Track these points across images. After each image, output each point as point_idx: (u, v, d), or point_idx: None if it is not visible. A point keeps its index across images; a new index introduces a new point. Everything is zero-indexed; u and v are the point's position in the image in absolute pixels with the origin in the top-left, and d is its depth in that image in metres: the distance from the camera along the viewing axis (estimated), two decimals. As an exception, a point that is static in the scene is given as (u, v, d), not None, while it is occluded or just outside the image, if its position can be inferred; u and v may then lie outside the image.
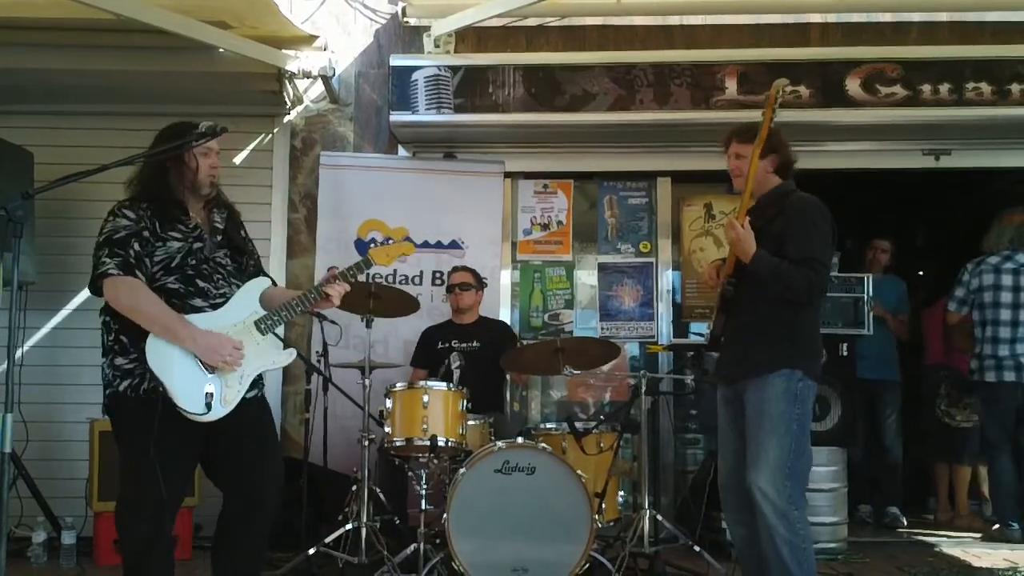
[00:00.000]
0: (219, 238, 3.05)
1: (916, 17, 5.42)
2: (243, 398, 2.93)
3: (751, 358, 3.20)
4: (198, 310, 2.91)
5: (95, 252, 2.86)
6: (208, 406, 2.82)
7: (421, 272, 5.42)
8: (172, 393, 2.78)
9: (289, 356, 3.11)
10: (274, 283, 3.19)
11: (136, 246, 2.85)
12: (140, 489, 2.81)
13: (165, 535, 2.90)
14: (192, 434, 2.88)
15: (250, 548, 3.03)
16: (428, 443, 3.85)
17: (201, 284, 2.94)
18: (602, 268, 5.80)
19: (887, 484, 5.75)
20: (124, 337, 2.86)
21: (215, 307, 2.95)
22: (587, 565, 3.73)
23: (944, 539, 5.21)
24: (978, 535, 5.31)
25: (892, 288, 5.87)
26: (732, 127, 3.44)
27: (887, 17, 5.43)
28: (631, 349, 5.78)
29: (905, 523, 5.53)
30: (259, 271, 3.19)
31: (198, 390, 2.82)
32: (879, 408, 5.73)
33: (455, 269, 5.03)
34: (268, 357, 3.01)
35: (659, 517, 4.20)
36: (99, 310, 2.95)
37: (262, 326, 2.97)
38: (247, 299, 3.02)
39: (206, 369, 2.85)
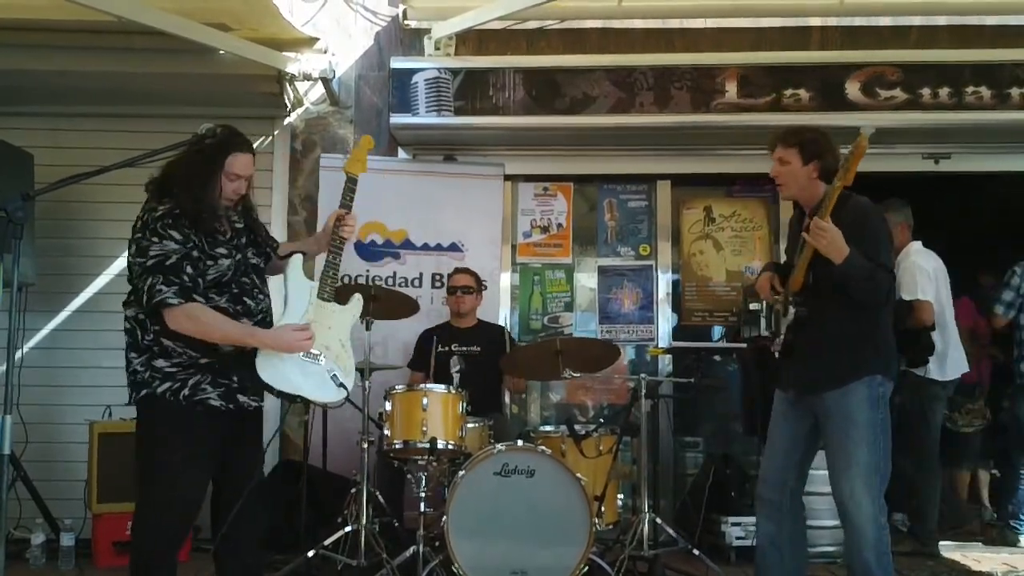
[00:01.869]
0: (243, 240, 3.06)
1: (916, 21, 5.43)
2: (248, 407, 2.96)
3: (833, 370, 3.13)
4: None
5: (144, 276, 2.78)
6: (342, 385, 2.96)
7: (421, 274, 5.41)
8: (309, 397, 2.94)
9: (358, 302, 3.17)
10: (300, 253, 3.19)
11: (188, 269, 2.81)
12: (170, 494, 2.84)
13: (181, 541, 2.95)
14: (217, 440, 2.91)
15: (248, 545, 3.06)
16: (427, 445, 3.85)
17: (248, 302, 2.96)
18: (602, 271, 5.81)
19: (895, 490, 5.63)
20: (168, 341, 2.84)
21: (258, 325, 2.95)
22: (586, 568, 3.72)
23: (944, 543, 5.18)
24: (979, 539, 5.30)
25: None
26: (777, 131, 3.35)
27: (887, 21, 5.44)
28: (630, 352, 5.78)
29: (906, 531, 5.48)
30: (275, 252, 3.22)
31: (324, 379, 2.95)
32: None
33: (457, 271, 5.00)
34: (347, 314, 3.11)
35: (658, 520, 4.18)
36: (125, 303, 2.91)
37: (324, 295, 3.03)
38: (297, 282, 3.02)
39: (313, 358, 2.93)
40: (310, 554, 3.93)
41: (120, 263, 5.37)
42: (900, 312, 4.64)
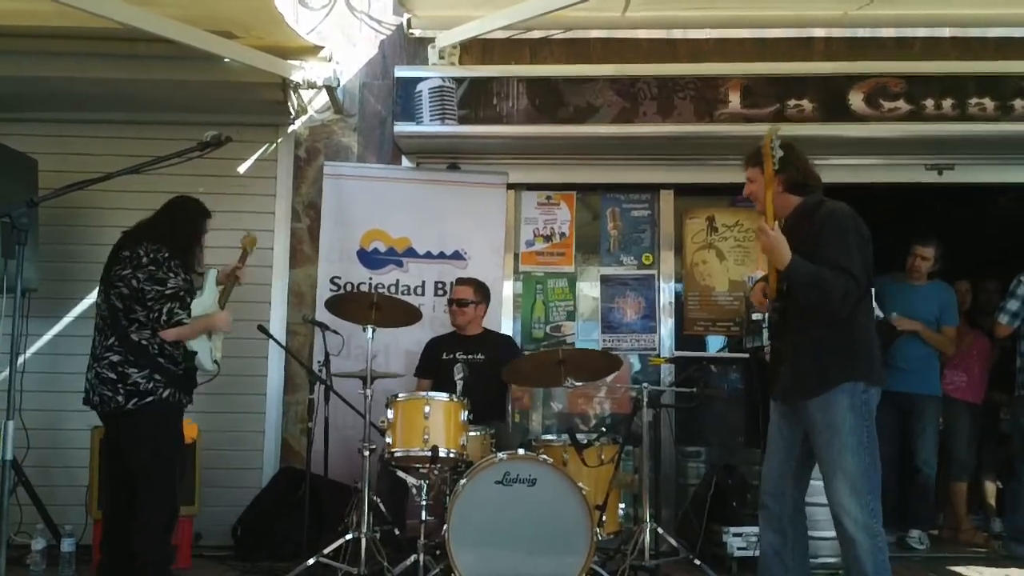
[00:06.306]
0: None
1: (920, 32, 5.44)
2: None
3: (809, 377, 3.16)
4: None
5: (167, 303, 3.62)
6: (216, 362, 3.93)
7: (423, 282, 5.42)
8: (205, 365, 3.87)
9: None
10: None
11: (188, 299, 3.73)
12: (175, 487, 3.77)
13: None
14: None
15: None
16: (429, 454, 3.85)
17: None
18: (604, 280, 5.80)
19: (916, 505, 5.37)
20: (164, 360, 3.68)
21: None
22: (587, 578, 3.71)
23: (947, 556, 5.15)
24: (982, 551, 5.28)
25: (933, 296, 5.45)
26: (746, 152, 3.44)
27: (890, 32, 5.44)
28: (633, 361, 5.77)
29: (924, 547, 5.28)
30: None
31: (207, 354, 3.87)
32: (911, 424, 5.37)
33: (458, 281, 5.03)
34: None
35: (660, 530, 4.18)
36: (136, 328, 3.60)
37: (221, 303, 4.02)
38: (210, 284, 3.96)
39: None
40: (311, 562, 3.93)
41: (122, 269, 5.36)
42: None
